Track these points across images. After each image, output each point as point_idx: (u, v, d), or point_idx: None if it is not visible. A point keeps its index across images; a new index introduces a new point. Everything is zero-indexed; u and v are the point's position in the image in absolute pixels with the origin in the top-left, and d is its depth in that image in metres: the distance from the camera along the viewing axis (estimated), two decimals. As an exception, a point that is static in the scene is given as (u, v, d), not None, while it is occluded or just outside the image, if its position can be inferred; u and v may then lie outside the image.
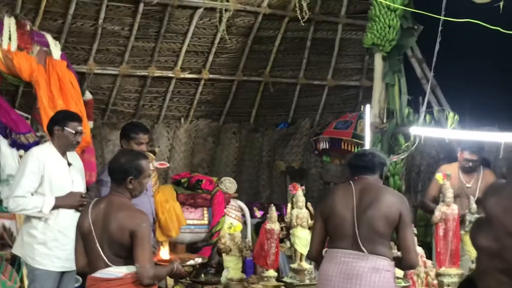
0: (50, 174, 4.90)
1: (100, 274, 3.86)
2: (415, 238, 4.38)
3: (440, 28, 6.63)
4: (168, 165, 7.72)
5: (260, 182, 9.99)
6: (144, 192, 5.60)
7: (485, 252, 0.54)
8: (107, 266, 3.83)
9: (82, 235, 3.93)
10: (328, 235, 4.17)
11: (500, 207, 0.53)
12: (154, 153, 6.98)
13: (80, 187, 5.13)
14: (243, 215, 7.31)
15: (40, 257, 4.88)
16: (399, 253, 4.15)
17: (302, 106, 10.07)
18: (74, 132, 4.97)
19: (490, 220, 0.53)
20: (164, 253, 4.16)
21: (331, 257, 4.04)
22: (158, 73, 8.92)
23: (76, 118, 5.12)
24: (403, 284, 4.82)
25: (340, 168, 9.79)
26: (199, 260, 4.41)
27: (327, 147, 9.00)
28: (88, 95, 7.75)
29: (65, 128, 4.96)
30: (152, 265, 3.82)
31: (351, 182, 4.17)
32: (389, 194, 4.16)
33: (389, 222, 4.02)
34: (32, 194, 4.86)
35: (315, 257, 4.26)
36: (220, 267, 6.52)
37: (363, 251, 3.97)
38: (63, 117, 5.08)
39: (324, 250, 4.16)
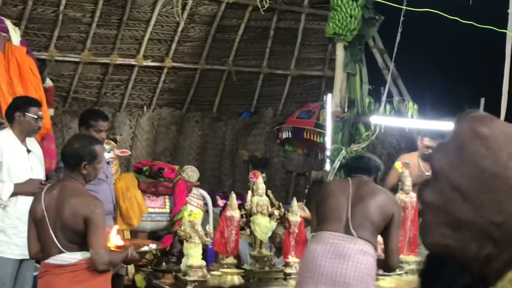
0: (9, 161, 4.84)
1: (53, 260, 3.83)
2: None
3: (401, 18, 6.71)
4: (129, 153, 7.70)
5: (223, 171, 10.00)
6: (104, 179, 5.60)
7: (430, 207, 0.56)
8: (61, 252, 3.79)
9: (35, 221, 3.88)
10: (318, 220, 4.24)
11: (445, 162, 0.55)
12: (115, 141, 6.94)
13: (40, 174, 5.08)
14: (205, 204, 7.32)
15: (-2, 242, 4.83)
16: (382, 255, 4.24)
17: (265, 96, 10.10)
18: (36, 117, 4.92)
19: (436, 176, 0.56)
20: (117, 239, 4.13)
21: (320, 239, 4.09)
22: (120, 60, 8.85)
23: (36, 103, 5.07)
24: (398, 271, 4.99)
25: (302, 158, 9.86)
26: (153, 246, 4.40)
27: (290, 136, 9.06)
28: (49, 82, 7.66)
29: (26, 113, 4.91)
30: (106, 251, 3.80)
31: (348, 178, 4.35)
32: (385, 193, 4.32)
33: (383, 216, 4.14)
34: None
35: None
36: (181, 255, 6.52)
37: (352, 235, 4.04)
38: (24, 103, 5.02)
39: (311, 235, 4.27)
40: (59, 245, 3.78)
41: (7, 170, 4.84)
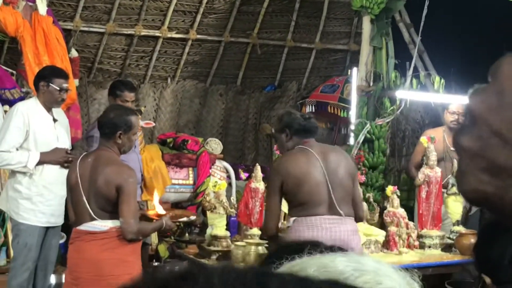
0: (35, 130, 4.89)
1: (84, 226, 3.90)
2: None
3: (429, -9, 6.62)
4: (154, 124, 7.73)
5: (246, 144, 10.00)
6: (132, 149, 5.63)
7: (468, 153, 0.54)
8: (93, 219, 3.86)
9: (70, 189, 3.95)
10: (299, 203, 4.05)
11: (484, 106, 0.54)
12: (140, 112, 6.95)
13: (65, 143, 5.12)
14: (228, 176, 7.36)
15: (25, 212, 4.89)
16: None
17: (290, 69, 10.05)
18: (59, 88, 4.94)
19: (474, 120, 0.54)
20: (159, 208, 4.19)
21: (311, 225, 3.98)
22: (145, 32, 8.84)
23: (62, 74, 5.08)
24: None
25: (326, 132, 9.83)
26: (192, 217, 4.43)
27: (314, 110, 9.02)
28: (74, 53, 7.70)
29: (51, 84, 4.93)
30: (136, 220, 3.85)
31: (303, 146, 4.09)
32: (341, 152, 4.30)
33: (352, 179, 4.14)
34: (17, 149, 4.84)
35: (272, 235, 4.13)
36: (204, 227, 6.57)
37: (340, 215, 4.00)
38: (49, 73, 5.04)
39: (292, 219, 4.07)
40: (91, 212, 3.84)
41: (33, 138, 4.88)
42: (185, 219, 4.34)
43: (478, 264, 1.62)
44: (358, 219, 4.26)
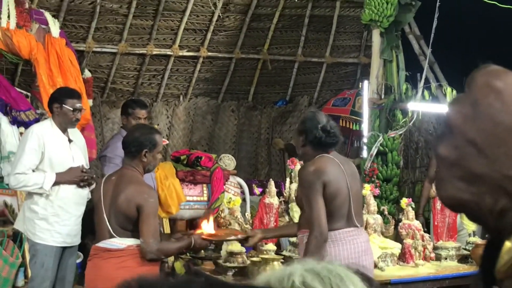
0: (50, 151, 4.93)
1: (103, 244, 3.94)
2: None
3: (438, 3, 6.65)
4: (167, 142, 7.78)
5: (259, 159, 10.03)
6: None
7: (445, 161, 0.57)
8: (112, 237, 3.89)
9: (95, 206, 4.01)
10: (330, 215, 3.94)
11: (460, 115, 0.56)
12: (153, 130, 7.02)
13: (81, 163, 5.15)
14: (242, 192, 7.37)
15: (41, 232, 4.92)
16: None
17: (300, 84, 10.09)
18: (72, 109, 4.97)
19: (451, 130, 0.57)
20: (209, 227, 4.22)
21: (334, 240, 3.92)
22: (156, 51, 8.93)
23: (75, 95, 5.12)
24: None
25: (339, 145, 9.83)
26: (239, 236, 4.39)
27: (325, 124, 9.02)
28: (87, 73, 7.77)
29: (63, 105, 4.97)
30: (155, 240, 3.87)
31: (332, 157, 3.99)
32: (352, 163, 4.28)
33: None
34: (33, 171, 4.89)
35: (327, 235, 3.91)
36: (219, 243, 6.58)
37: (357, 226, 4.01)
38: (62, 94, 5.09)
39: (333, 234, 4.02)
40: (110, 229, 3.89)
41: (49, 160, 4.92)
42: (233, 237, 4.32)
43: (486, 275, 1.62)
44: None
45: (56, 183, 4.92)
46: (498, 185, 0.55)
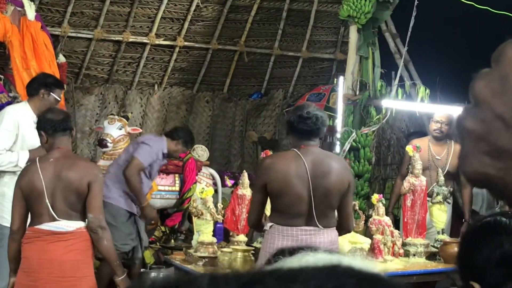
0: (24, 133, 4.89)
1: (46, 226, 3.84)
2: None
3: (415, 2, 6.69)
4: (140, 130, 7.74)
5: (232, 151, 10.04)
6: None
7: (471, 135, 0.57)
8: (54, 219, 3.82)
9: (28, 192, 3.88)
10: (275, 210, 4.01)
11: (488, 90, 0.56)
12: (127, 118, 7.00)
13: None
14: (215, 183, 7.38)
15: (9, 214, 4.86)
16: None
17: (276, 77, 10.11)
18: (59, 99, 5.00)
19: (478, 104, 0.57)
20: None
21: (286, 235, 3.91)
22: (132, 38, 8.87)
23: (63, 86, 5.18)
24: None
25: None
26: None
27: (300, 118, 9.05)
28: (62, 58, 7.70)
29: (52, 93, 4.96)
30: (103, 216, 3.89)
31: (298, 152, 3.89)
32: (339, 164, 4.02)
33: (340, 194, 3.94)
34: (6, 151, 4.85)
35: (255, 226, 4.23)
36: (190, 233, 6.58)
37: (318, 227, 3.93)
38: (53, 83, 5.07)
39: (269, 224, 3.98)
40: (53, 212, 3.81)
41: (21, 142, 4.89)
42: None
43: (464, 271, 1.65)
44: (345, 230, 4.17)
45: (30, 160, 4.87)
46: None
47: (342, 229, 4.12)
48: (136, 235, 5.60)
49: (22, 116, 4.92)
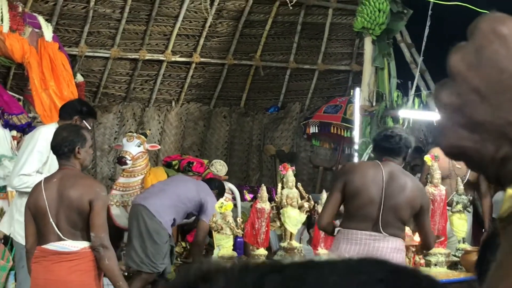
0: (52, 156, 4.93)
1: (52, 246, 3.82)
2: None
3: (429, 12, 6.70)
4: (159, 147, 7.78)
5: (250, 165, 10.05)
6: None
7: (447, 109, 0.58)
8: (60, 239, 3.80)
9: (34, 212, 3.88)
10: (345, 213, 4.20)
11: (464, 64, 0.57)
12: (145, 135, 7.03)
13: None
14: (234, 198, 7.38)
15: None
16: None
17: (292, 90, 10.13)
18: (89, 128, 5.02)
19: (454, 77, 0.58)
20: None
21: (350, 238, 4.06)
22: (149, 56, 8.94)
23: (96, 116, 5.25)
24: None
25: (329, 152, 9.88)
26: None
27: (317, 131, 9.09)
28: (80, 78, 7.79)
29: (84, 121, 5.01)
30: (107, 235, 3.82)
31: (379, 163, 4.19)
32: (415, 185, 4.26)
33: (412, 212, 4.17)
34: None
35: (325, 226, 4.22)
36: (210, 248, 6.58)
37: (382, 233, 4.06)
38: (88, 111, 5.10)
39: (337, 229, 4.19)
40: (59, 232, 3.79)
41: (49, 165, 4.92)
42: None
43: (483, 279, 1.65)
44: (426, 248, 4.50)
45: None
46: (501, 132, 0.56)
47: (423, 247, 4.47)
48: (169, 254, 5.72)
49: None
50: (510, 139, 0.55)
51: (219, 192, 6.05)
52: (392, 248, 4.07)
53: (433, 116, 7.23)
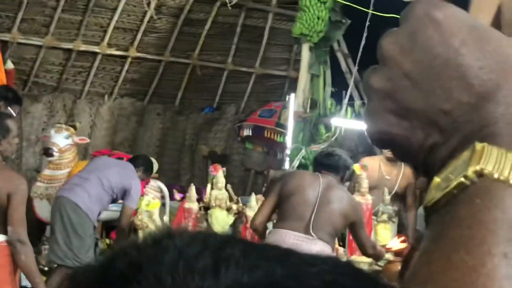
0: None
1: None
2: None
3: (367, 23, 6.80)
4: (88, 140, 7.61)
5: (182, 165, 9.97)
6: None
7: (377, 94, 0.56)
8: None
9: None
10: (279, 214, 4.28)
11: (396, 47, 0.55)
12: (74, 128, 6.87)
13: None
14: (162, 196, 7.29)
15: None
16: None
17: (229, 92, 10.11)
18: (14, 114, 4.90)
19: (385, 62, 0.56)
20: (396, 243, 4.34)
21: (281, 238, 4.10)
22: (84, 47, 8.76)
23: (21, 103, 5.09)
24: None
25: (262, 156, 9.90)
26: None
27: (251, 134, 9.08)
28: (10, 65, 7.54)
29: (9, 107, 4.87)
30: (25, 230, 3.69)
31: (318, 174, 4.33)
32: (350, 199, 4.42)
33: (345, 223, 4.28)
34: None
35: (257, 225, 4.29)
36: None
37: (312, 236, 4.11)
38: (13, 98, 4.97)
39: (268, 231, 4.29)
40: None
41: None
42: None
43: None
44: (372, 255, 4.59)
45: None
46: (431, 119, 0.54)
47: (369, 255, 4.57)
48: (94, 247, 5.58)
49: None
50: (440, 126, 0.54)
51: (146, 168, 5.90)
52: (317, 251, 4.10)
53: (364, 126, 7.33)
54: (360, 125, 7.44)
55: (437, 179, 0.53)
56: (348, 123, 7.22)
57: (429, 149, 0.55)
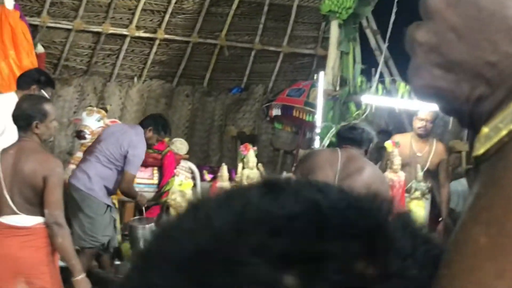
0: (6, 124, 4.82)
1: (5, 219, 3.74)
2: None
3: (396, -1, 6.72)
4: (119, 122, 7.67)
5: (211, 146, 10.01)
6: None
7: (423, 47, 0.56)
8: (15, 213, 3.71)
9: None
10: None
11: (442, 2, 0.56)
12: (105, 110, 6.93)
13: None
14: (193, 177, 7.34)
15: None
16: None
17: (256, 72, 10.08)
18: (48, 97, 4.93)
19: (431, 16, 0.56)
20: None
21: None
22: (112, 30, 8.79)
23: (54, 86, 5.22)
24: None
25: (291, 136, 9.89)
26: None
27: (279, 114, 9.05)
28: (40, 49, 7.62)
29: (42, 90, 4.92)
30: (61, 212, 3.73)
31: (338, 149, 4.30)
32: (372, 170, 4.30)
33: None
34: None
35: None
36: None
37: None
38: (46, 81, 5.03)
39: None
40: (13, 206, 3.70)
41: (6, 134, 4.81)
42: None
43: None
44: None
45: None
46: (477, 71, 0.55)
47: None
48: (113, 225, 5.62)
49: (10, 107, 4.85)
50: (486, 79, 0.55)
51: (156, 127, 5.86)
52: None
53: (395, 103, 7.27)
54: (391, 102, 7.38)
55: (485, 129, 0.54)
56: (378, 100, 7.16)
57: (475, 102, 0.56)
